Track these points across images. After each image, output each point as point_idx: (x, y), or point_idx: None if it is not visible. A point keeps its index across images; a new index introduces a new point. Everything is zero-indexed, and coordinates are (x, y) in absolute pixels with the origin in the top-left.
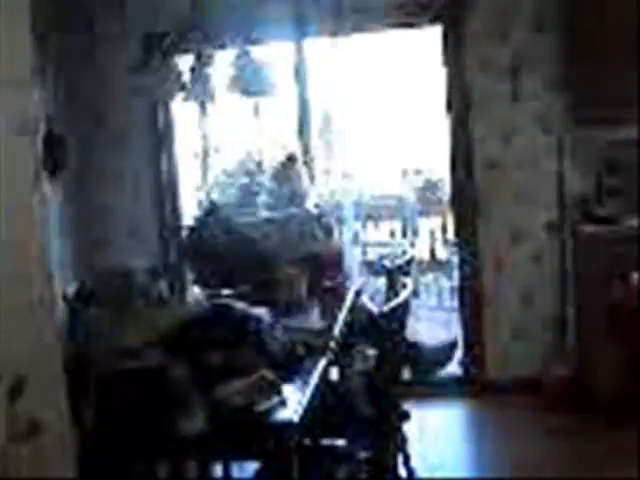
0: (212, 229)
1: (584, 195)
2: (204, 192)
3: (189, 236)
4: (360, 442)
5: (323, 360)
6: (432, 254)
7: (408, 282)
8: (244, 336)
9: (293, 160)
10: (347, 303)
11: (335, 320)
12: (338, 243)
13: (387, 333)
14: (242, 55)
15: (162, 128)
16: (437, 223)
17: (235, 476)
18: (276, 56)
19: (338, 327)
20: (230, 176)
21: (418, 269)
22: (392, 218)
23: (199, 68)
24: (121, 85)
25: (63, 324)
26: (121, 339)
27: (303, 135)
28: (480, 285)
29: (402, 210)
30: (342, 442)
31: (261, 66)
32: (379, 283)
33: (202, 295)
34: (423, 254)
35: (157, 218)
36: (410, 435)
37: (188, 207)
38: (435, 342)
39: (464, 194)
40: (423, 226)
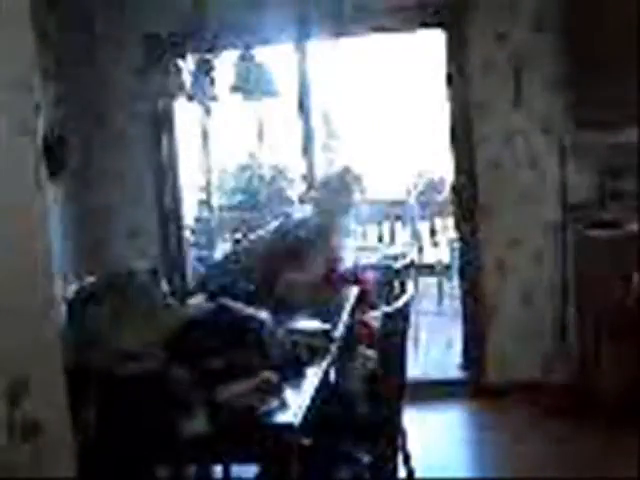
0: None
1: (587, 199)
2: (205, 194)
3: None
4: (360, 443)
5: (324, 362)
6: (432, 255)
7: (409, 285)
8: (245, 338)
9: (348, 172)
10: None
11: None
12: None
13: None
14: (245, 57)
15: (163, 128)
16: (438, 224)
17: (235, 478)
18: (278, 58)
19: (339, 329)
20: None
21: (418, 271)
22: (394, 220)
23: (201, 70)
24: (122, 85)
25: (63, 324)
26: (121, 339)
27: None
28: (480, 286)
29: (404, 212)
30: (342, 444)
31: (264, 68)
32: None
33: (203, 297)
34: (423, 255)
35: (157, 218)
36: (410, 435)
37: (189, 207)
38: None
39: (465, 195)
40: (423, 228)
